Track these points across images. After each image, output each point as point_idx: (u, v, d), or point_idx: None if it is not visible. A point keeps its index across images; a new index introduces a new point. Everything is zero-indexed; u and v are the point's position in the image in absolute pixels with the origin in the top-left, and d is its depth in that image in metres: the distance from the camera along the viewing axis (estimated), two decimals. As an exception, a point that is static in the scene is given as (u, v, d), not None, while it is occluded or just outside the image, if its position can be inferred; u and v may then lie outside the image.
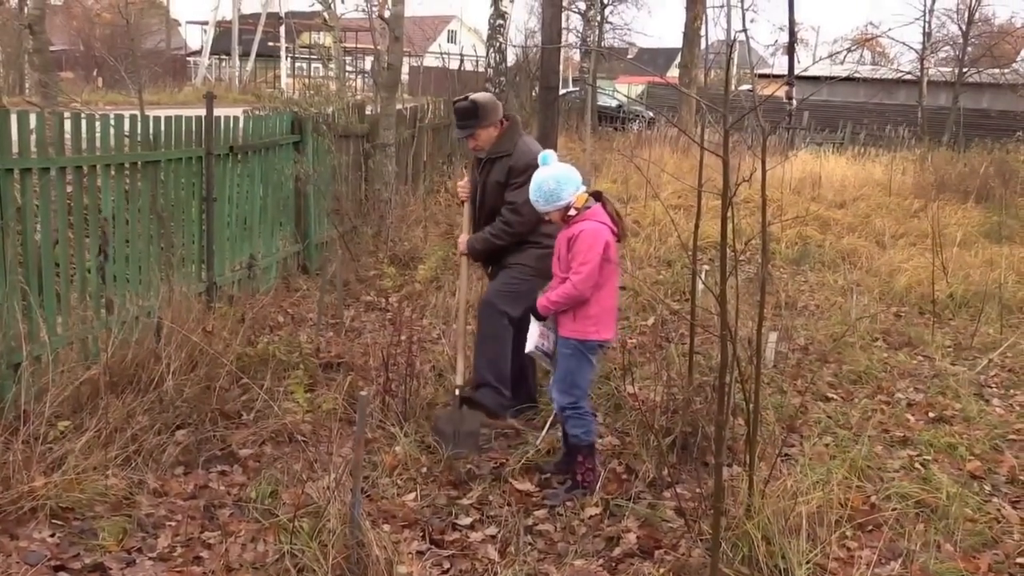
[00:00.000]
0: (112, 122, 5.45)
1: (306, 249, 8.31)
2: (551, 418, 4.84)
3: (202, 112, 6.39)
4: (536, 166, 4.26)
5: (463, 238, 5.09)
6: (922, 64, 28.14)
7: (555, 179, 4.13)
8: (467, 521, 4.02)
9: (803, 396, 5.64)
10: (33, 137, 4.83)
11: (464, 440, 4.62)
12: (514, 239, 4.91)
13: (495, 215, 4.96)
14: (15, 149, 4.68)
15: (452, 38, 53.05)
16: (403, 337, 5.41)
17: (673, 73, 38.77)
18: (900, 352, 6.87)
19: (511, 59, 20.29)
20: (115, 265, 5.49)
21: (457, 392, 4.89)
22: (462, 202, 5.20)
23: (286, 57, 39.93)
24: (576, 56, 34.13)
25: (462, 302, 5.13)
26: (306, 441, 4.55)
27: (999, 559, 3.80)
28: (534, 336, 4.37)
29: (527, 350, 4.41)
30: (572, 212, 4.14)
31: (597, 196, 4.25)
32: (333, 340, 6.23)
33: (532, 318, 4.37)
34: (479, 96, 4.91)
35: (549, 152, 4.29)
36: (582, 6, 26.82)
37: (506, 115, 5.01)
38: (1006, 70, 26.84)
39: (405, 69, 23.80)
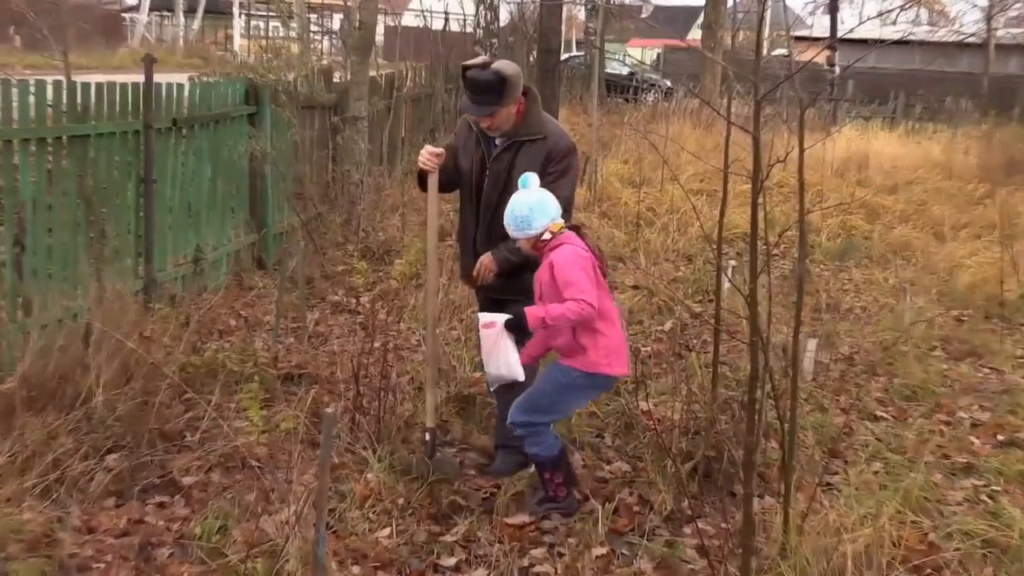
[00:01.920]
0: (32, 89, 5.43)
1: (263, 240, 8.30)
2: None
3: (140, 78, 6.37)
4: (573, 148, 4.44)
5: (485, 259, 4.68)
6: (989, 24, 28.22)
7: (528, 206, 4.27)
8: (451, 561, 4.00)
9: (848, 415, 5.65)
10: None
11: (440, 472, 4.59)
12: None
13: None
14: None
15: (435, -8, 53.03)
16: (376, 344, 5.39)
17: (694, 35, 38.82)
18: (962, 363, 6.88)
19: (504, 17, 20.28)
20: (35, 258, 5.47)
21: (427, 436, 4.68)
22: (421, 173, 4.81)
23: (239, 14, 39.86)
24: (581, 15, 34.19)
25: (431, 320, 4.84)
26: (261, 467, 4.53)
27: (1078, 607, 3.80)
28: (513, 357, 4.25)
29: (516, 375, 4.28)
30: (547, 235, 4.29)
31: (576, 229, 4.41)
32: (294, 348, 6.21)
33: (504, 333, 4.24)
34: (504, 66, 4.57)
35: (531, 175, 4.37)
36: (588, -45, 26.86)
37: (524, 88, 4.73)
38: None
39: (380, 29, 23.80)
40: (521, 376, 4.28)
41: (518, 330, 4.24)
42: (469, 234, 4.90)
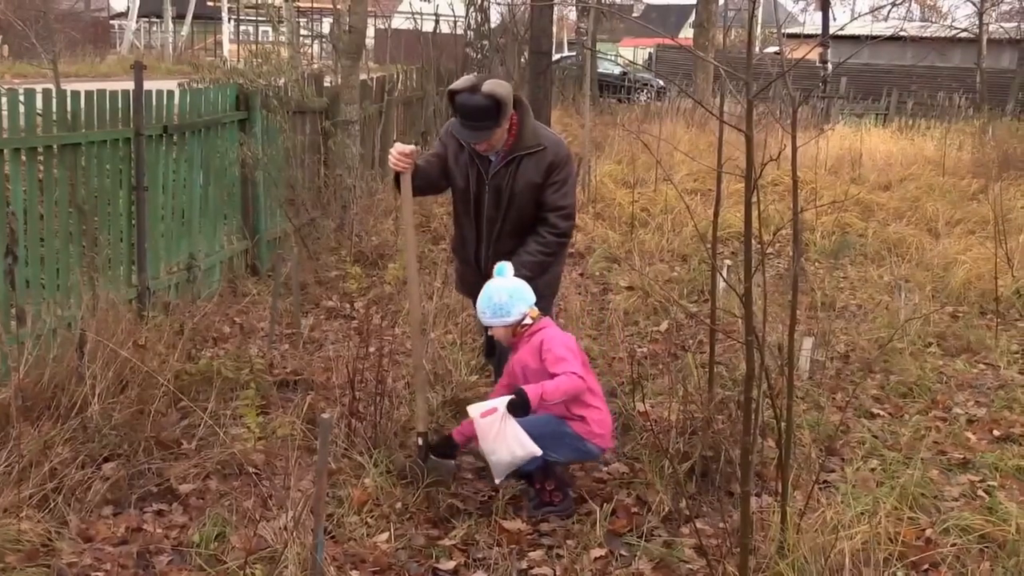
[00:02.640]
0: (21, 98, 5.43)
1: (256, 246, 8.31)
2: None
3: (130, 85, 6.37)
4: (571, 156, 4.51)
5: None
6: (981, 19, 28.31)
7: (507, 292, 4.37)
8: (450, 565, 4.02)
9: (844, 412, 5.67)
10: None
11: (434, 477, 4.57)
12: (564, 249, 4.94)
13: (523, 224, 4.70)
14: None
15: (425, -5, 53.02)
16: (372, 349, 5.40)
17: (686, 34, 38.87)
18: (958, 359, 6.90)
19: (495, 19, 20.31)
20: (28, 268, 5.47)
21: (420, 441, 4.62)
22: (396, 175, 4.65)
23: (228, 19, 39.84)
24: (572, 15, 34.21)
25: (415, 323, 4.83)
26: (258, 473, 4.54)
27: (1076, 601, 3.83)
28: (523, 436, 4.12)
29: (533, 452, 4.14)
30: (528, 321, 4.41)
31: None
32: (289, 354, 6.22)
33: (507, 417, 4.11)
34: (494, 88, 4.44)
35: (506, 264, 4.46)
36: (578, -45, 26.90)
37: (514, 99, 4.63)
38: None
39: (370, 32, 23.79)
40: (538, 451, 4.14)
41: (520, 410, 4.12)
42: (470, 249, 4.89)
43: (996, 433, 5.58)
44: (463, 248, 4.96)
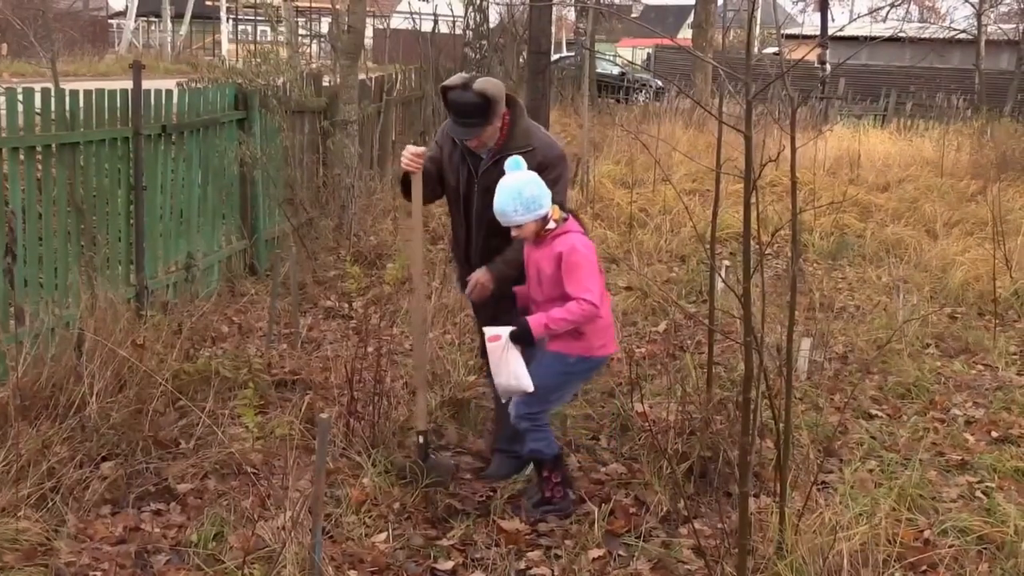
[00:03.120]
0: (20, 97, 5.43)
1: (254, 246, 8.31)
2: None
3: (128, 85, 6.37)
4: (563, 156, 4.46)
5: (479, 275, 4.64)
6: (979, 20, 28.32)
7: (536, 183, 4.22)
8: (448, 565, 4.02)
9: (842, 413, 5.67)
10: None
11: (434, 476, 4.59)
12: None
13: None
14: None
15: (424, -5, 53.00)
16: (370, 349, 5.41)
17: (685, 34, 38.89)
18: (956, 360, 6.91)
19: (494, 19, 20.29)
20: (26, 267, 5.47)
21: (420, 440, 4.64)
22: (405, 177, 4.73)
23: (227, 19, 39.81)
24: (571, 15, 34.23)
25: (418, 322, 4.89)
26: (256, 473, 4.54)
27: (1074, 602, 3.83)
28: (520, 369, 4.23)
29: (525, 387, 4.25)
30: (551, 224, 4.26)
31: (572, 213, 4.44)
32: (287, 354, 6.22)
33: (509, 344, 4.21)
34: (486, 85, 4.49)
35: (519, 158, 4.34)
36: (577, -44, 26.90)
37: (508, 98, 4.65)
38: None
39: (369, 32, 23.78)
40: (530, 387, 4.23)
41: (523, 341, 4.22)
42: (461, 246, 4.89)
43: (994, 434, 5.59)
44: (457, 247, 4.97)
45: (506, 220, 4.26)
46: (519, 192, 4.19)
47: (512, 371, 4.22)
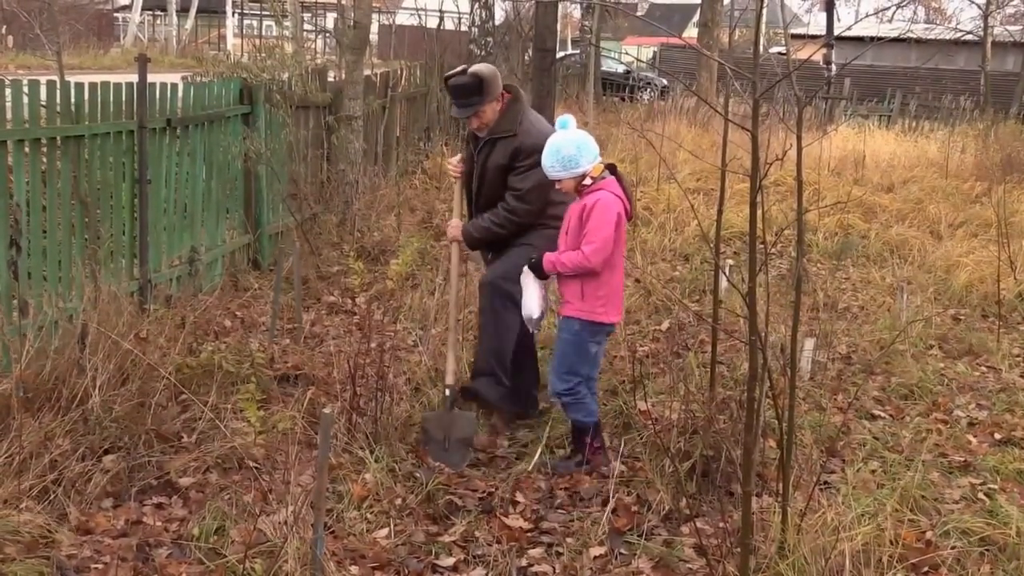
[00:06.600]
0: (26, 89, 5.43)
1: (258, 240, 8.31)
2: (541, 446, 4.95)
3: (133, 78, 6.37)
4: (542, 147, 4.68)
5: (454, 222, 5.35)
6: (986, 22, 28.27)
7: (575, 144, 4.56)
8: (449, 561, 4.02)
9: (845, 414, 5.67)
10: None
11: (454, 448, 4.87)
12: (517, 228, 5.16)
13: (494, 202, 5.18)
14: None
15: (430, -9, 53.02)
16: (373, 345, 5.41)
17: (691, 33, 38.86)
18: (959, 362, 6.90)
19: (499, 16, 20.31)
20: (30, 260, 5.47)
21: (447, 392, 5.13)
22: (455, 180, 5.44)
23: (233, 13, 39.83)
24: (576, 13, 34.16)
25: (454, 292, 5.37)
26: (259, 467, 4.55)
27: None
28: (535, 298, 4.73)
29: (532, 314, 4.78)
30: (588, 181, 4.58)
31: (612, 169, 4.71)
32: (290, 348, 6.22)
33: (529, 277, 4.75)
34: (479, 68, 5.09)
35: (568, 117, 4.69)
36: (583, -47, 26.87)
37: (507, 87, 5.20)
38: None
39: (374, 28, 23.78)
40: (534, 313, 4.78)
41: (536, 271, 4.74)
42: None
43: (997, 436, 5.58)
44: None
45: (548, 174, 4.67)
46: (558, 150, 4.58)
47: (526, 298, 4.78)
